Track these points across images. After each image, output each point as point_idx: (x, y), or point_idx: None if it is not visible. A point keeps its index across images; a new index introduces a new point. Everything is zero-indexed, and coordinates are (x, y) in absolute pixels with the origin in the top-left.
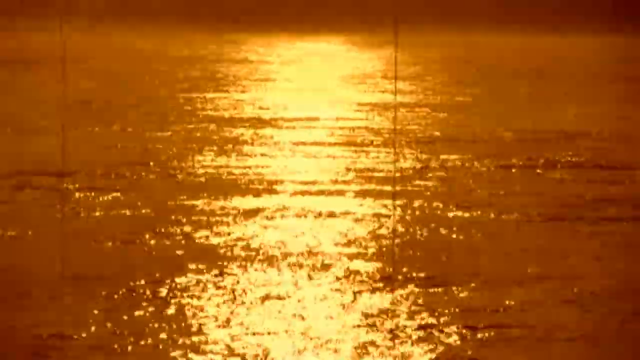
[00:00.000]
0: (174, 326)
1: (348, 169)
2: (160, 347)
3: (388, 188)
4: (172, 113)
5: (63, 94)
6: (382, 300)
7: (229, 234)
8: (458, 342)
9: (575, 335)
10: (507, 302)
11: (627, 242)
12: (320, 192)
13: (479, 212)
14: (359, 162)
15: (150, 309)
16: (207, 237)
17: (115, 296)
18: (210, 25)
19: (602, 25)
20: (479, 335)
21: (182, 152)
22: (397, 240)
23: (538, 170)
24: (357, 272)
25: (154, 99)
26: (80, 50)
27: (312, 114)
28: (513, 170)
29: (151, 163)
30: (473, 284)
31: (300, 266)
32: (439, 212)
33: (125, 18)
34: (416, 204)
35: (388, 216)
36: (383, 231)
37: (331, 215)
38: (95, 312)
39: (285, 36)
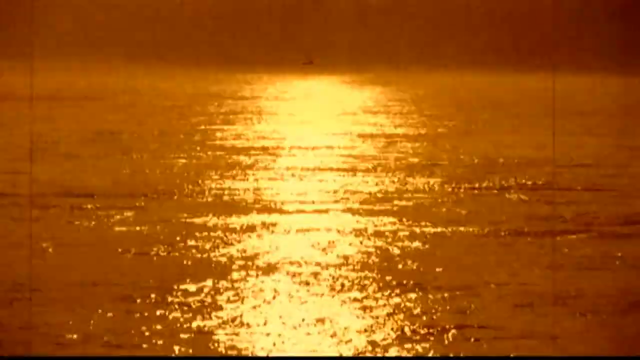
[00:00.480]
0: (183, 326)
1: (335, 191)
2: (172, 339)
3: (371, 207)
4: (186, 142)
5: (30, 128)
6: (364, 303)
7: (231, 244)
8: (429, 340)
9: (528, 334)
10: (471, 306)
11: (576, 254)
12: (315, 211)
13: (446, 228)
14: (348, 185)
15: (160, 311)
16: (212, 249)
17: (131, 300)
18: (221, 66)
19: (560, 65)
20: (444, 334)
21: (192, 176)
22: (377, 252)
23: (498, 192)
24: (341, 278)
25: (171, 131)
26: (104, 88)
27: (309, 144)
28: (476, 192)
29: (164, 186)
30: (440, 290)
31: (294, 274)
32: (413, 227)
33: (148, 61)
34: (395, 220)
35: (370, 231)
36: (366, 243)
37: (320, 229)
38: (110, 314)
39: (287, 76)
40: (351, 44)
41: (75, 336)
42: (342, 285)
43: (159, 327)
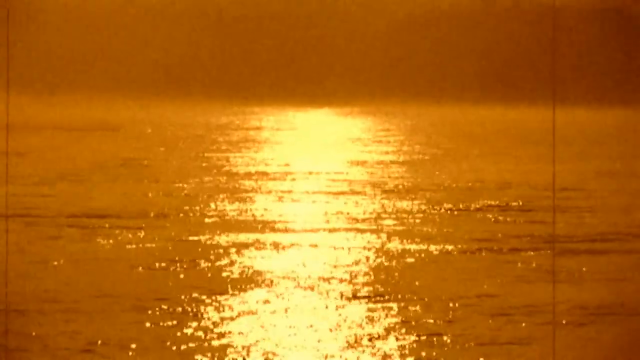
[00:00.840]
0: (194, 334)
1: (326, 212)
2: (182, 349)
3: (361, 226)
4: (194, 169)
5: (50, 156)
6: (352, 311)
7: (234, 261)
8: (404, 346)
9: (503, 341)
10: (449, 315)
11: (541, 267)
12: (311, 230)
13: (427, 245)
14: (340, 206)
15: (170, 322)
16: (216, 264)
17: (141, 310)
18: (231, 100)
19: (539, 98)
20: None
21: (200, 199)
22: (363, 267)
23: (474, 213)
24: (333, 289)
25: (181, 158)
26: (120, 120)
27: (306, 170)
28: (456, 213)
29: (173, 208)
30: (420, 300)
31: (297, 287)
32: (398, 244)
33: (162, 95)
34: (383, 238)
35: (358, 246)
36: (352, 258)
37: (315, 246)
38: (122, 323)
39: (288, 109)
40: (345, 80)
41: (99, 342)
42: (330, 292)
43: (167, 334)
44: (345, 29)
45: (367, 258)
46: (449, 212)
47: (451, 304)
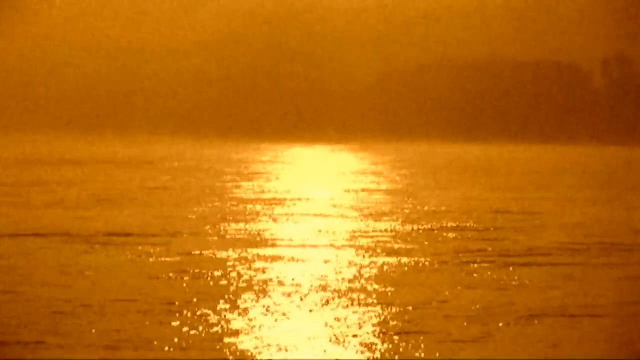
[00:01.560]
0: (198, 334)
1: (320, 230)
2: (184, 345)
3: (344, 242)
4: (209, 195)
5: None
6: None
7: (235, 272)
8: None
9: (465, 338)
10: (416, 315)
11: (489, 277)
12: (309, 245)
13: (401, 258)
14: (329, 226)
15: (185, 326)
16: (225, 275)
17: (156, 312)
18: (242, 139)
19: (492, 136)
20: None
21: (213, 220)
22: (350, 275)
23: (440, 231)
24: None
25: (199, 187)
26: (146, 155)
27: (305, 196)
28: (421, 231)
29: (189, 228)
30: (391, 304)
31: (289, 294)
32: (375, 257)
33: (193, 135)
34: (361, 252)
35: (347, 260)
36: (337, 268)
37: (312, 260)
38: (139, 323)
39: (293, 145)
40: (339, 123)
41: (122, 338)
42: (323, 298)
43: (179, 333)
44: (339, 81)
45: (352, 269)
46: (418, 231)
47: (414, 307)
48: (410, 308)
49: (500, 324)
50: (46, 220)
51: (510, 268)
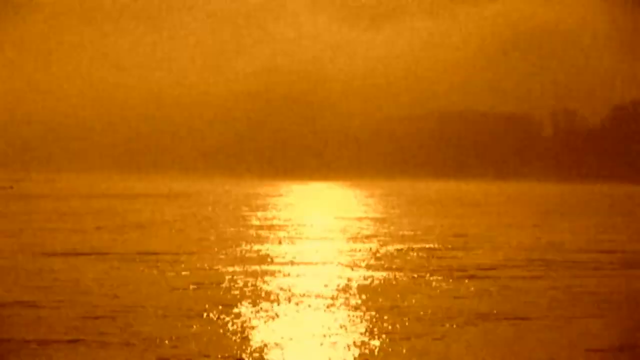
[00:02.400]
0: (211, 337)
1: (314, 250)
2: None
3: (333, 260)
4: (226, 223)
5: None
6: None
7: (246, 284)
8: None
9: (427, 336)
10: (389, 319)
11: (442, 288)
12: (309, 263)
13: (376, 272)
14: (330, 248)
15: (201, 328)
16: (234, 286)
17: (174, 318)
18: (259, 175)
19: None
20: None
21: (227, 242)
22: (334, 287)
23: (409, 251)
24: (315, 299)
25: (224, 214)
26: (192, 189)
27: (307, 223)
28: (395, 252)
29: (206, 248)
30: (369, 310)
31: (289, 298)
32: (356, 271)
33: (219, 171)
34: (347, 269)
35: (332, 275)
36: (329, 284)
37: (305, 274)
38: (170, 325)
39: (299, 181)
40: (339, 163)
41: (147, 338)
42: (317, 305)
43: (196, 334)
44: (340, 128)
45: (343, 281)
46: (391, 251)
47: (386, 311)
48: (382, 313)
49: (455, 326)
50: (92, 242)
51: (466, 280)
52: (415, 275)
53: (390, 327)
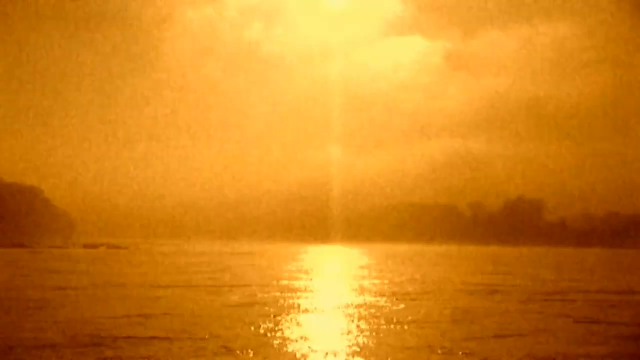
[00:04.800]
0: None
1: (323, 298)
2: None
3: (336, 306)
4: (267, 269)
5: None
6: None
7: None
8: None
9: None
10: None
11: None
12: (314, 309)
13: (367, 310)
14: (331, 297)
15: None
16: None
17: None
18: (287, 241)
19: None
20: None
21: (265, 286)
22: (337, 326)
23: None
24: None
25: (266, 267)
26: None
27: (319, 275)
28: (383, 295)
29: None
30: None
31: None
32: (352, 310)
33: (245, 237)
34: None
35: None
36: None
37: (316, 317)
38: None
39: (316, 244)
40: (347, 231)
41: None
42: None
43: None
44: (347, 205)
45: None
46: (380, 294)
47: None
48: (366, 337)
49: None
50: (187, 278)
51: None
52: (395, 306)
53: (380, 332)
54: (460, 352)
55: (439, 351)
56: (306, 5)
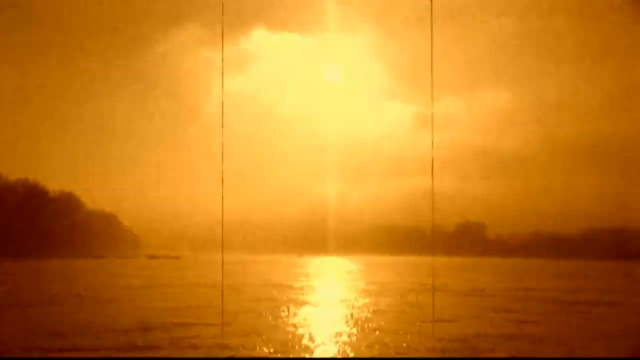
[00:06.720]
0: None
1: (321, 298)
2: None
3: (333, 304)
4: (281, 278)
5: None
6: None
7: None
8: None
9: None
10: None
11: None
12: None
13: (350, 311)
14: (327, 298)
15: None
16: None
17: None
18: (292, 253)
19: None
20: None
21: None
22: (332, 318)
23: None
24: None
25: (278, 277)
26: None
27: (317, 284)
28: (367, 301)
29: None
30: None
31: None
32: (340, 310)
33: (256, 252)
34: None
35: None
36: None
37: (316, 310)
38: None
39: (316, 256)
40: (345, 247)
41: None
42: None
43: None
44: (340, 226)
45: (332, 315)
46: (364, 300)
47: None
48: (352, 335)
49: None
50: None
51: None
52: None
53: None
54: (408, 334)
55: (393, 333)
56: (310, 78)
